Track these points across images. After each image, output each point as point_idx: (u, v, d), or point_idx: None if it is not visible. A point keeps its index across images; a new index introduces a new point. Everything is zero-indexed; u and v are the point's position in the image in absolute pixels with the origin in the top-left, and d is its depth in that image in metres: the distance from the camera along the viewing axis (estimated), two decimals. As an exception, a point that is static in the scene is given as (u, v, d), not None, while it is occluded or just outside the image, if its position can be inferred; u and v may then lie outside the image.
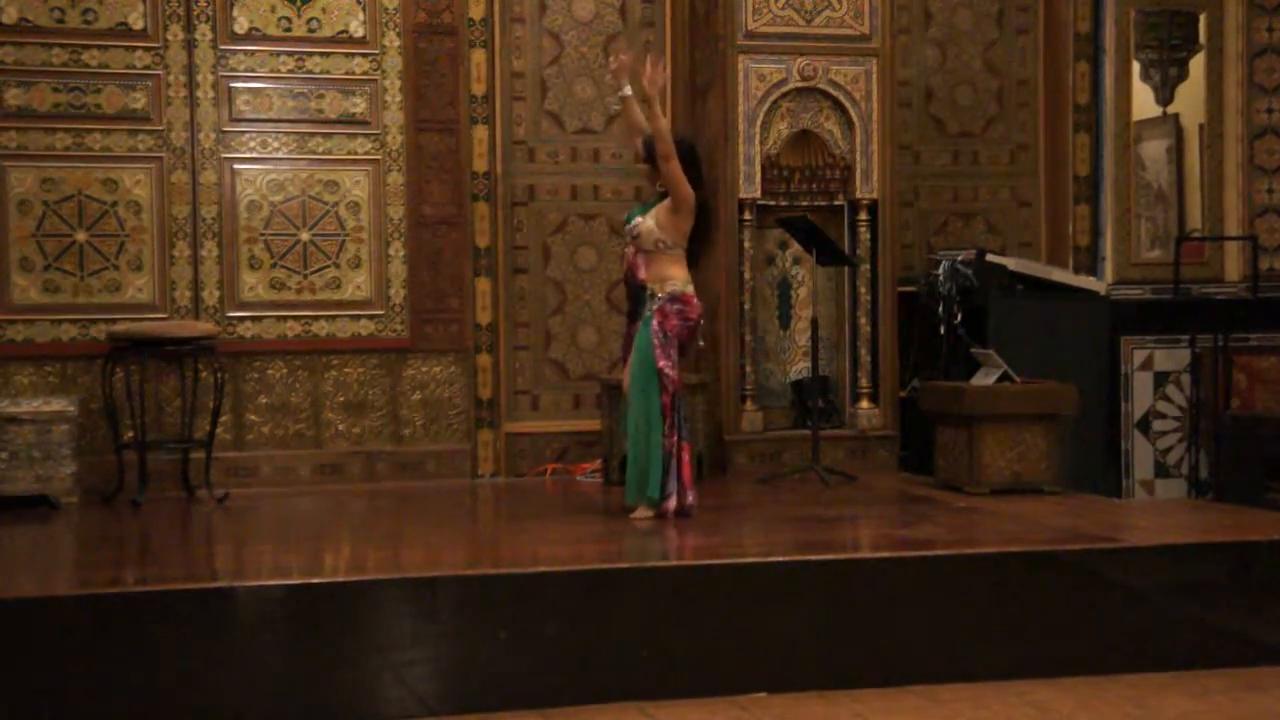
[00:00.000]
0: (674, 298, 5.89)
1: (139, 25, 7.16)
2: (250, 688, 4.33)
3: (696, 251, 6.28)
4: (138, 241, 7.17)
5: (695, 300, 5.96)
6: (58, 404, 6.62)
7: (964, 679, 4.71)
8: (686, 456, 5.89)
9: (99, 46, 7.11)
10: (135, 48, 7.15)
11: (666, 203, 5.91)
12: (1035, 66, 8.25)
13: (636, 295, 5.99)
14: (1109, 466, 6.80)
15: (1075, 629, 4.88)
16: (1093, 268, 7.90)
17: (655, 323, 5.85)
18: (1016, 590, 4.89)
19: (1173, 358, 6.94)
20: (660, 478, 5.83)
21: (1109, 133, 7.83)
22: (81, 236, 7.11)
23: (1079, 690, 4.64)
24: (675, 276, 5.92)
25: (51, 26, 7.07)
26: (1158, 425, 6.79)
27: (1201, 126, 7.94)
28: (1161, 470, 6.77)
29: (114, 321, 6.95)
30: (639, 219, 5.96)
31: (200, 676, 4.29)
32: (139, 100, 7.16)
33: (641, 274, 5.92)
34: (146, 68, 7.16)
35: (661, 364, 5.81)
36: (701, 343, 6.34)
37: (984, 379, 6.68)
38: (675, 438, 5.84)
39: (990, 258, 7.51)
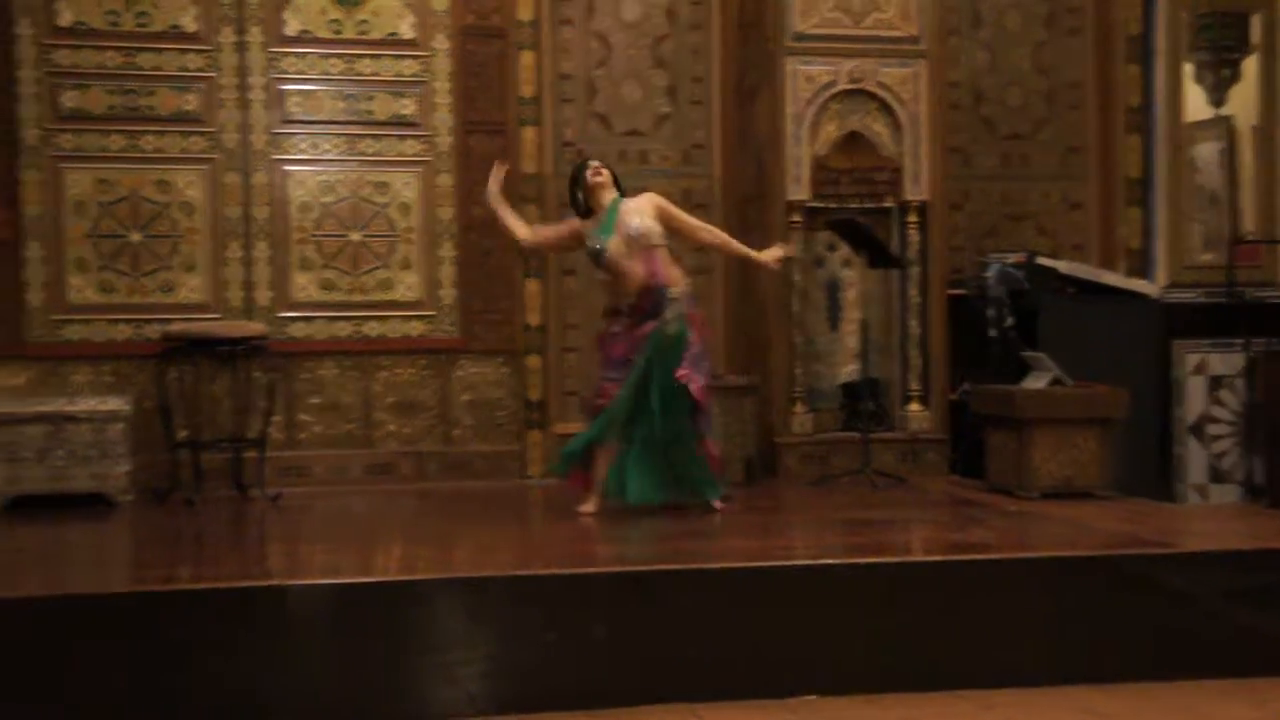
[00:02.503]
0: (691, 297, 6.06)
1: (192, 28, 7.23)
2: (301, 685, 4.36)
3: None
4: (191, 242, 7.23)
5: None
6: (113, 403, 6.69)
7: (1016, 684, 4.67)
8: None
9: (153, 49, 7.19)
10: (188, 50, 7.22)
11: (641, 204, 6.04)
12: (1086, 68, 8.20)
13: (653, 298, 6.00)
14: (1161, 471, 6.73)
15: (1130, 634, 4.83)
16: (1145, 271, 7.83)
17: (692, 335, 5.95)
18: (1070, 595, 4.86)
19: (1226, 362, 6.85)
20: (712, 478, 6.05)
21: (1161, 135, 7.74)
22: (136, 237, 7.18)
23: (1133, 696, 4.60)
24: (679, 276, 6.08)
25: (106, 29, 7.15)
26: (1211, 430, 6.71)
27: (1255, 128, 7.85)
28: (1215, 475, 6.69)
29: (168, 321, 7.02)
30: (622, 231, 5.99)
31: (252, 674, 4.32)
32: (191, 102, 7.23)
33: (658, 275, 5.96)
34: (199, 70, 7.23)
35: (697, 385, 5.93)
36: None
37: (1035, 382, 6.64)
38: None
39: (1041, 260, 7.46)
